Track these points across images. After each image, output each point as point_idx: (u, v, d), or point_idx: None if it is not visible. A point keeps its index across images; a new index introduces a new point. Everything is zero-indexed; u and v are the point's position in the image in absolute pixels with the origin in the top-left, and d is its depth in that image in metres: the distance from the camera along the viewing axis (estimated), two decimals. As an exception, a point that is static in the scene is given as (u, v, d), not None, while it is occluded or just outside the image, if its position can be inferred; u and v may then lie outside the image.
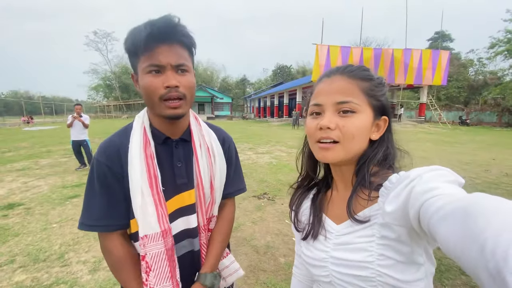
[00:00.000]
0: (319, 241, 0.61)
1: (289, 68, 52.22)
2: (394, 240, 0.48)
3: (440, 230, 0.33)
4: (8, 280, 2.14)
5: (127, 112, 41.42)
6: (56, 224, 3.20)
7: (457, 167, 6.01)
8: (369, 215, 0.53)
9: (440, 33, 31.21)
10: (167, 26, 0.67)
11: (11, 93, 76.79)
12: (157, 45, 0.68)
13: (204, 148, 0.83)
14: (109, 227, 0.74)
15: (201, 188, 0.81)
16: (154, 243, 0.72)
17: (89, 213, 0.74)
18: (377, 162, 0.56)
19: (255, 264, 2.37)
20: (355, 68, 0.58)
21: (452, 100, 29.47)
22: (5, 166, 6.35)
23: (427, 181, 0.40)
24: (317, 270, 0.60)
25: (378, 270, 0.49)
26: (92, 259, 2.45)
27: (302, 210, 0.70)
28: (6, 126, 21.68)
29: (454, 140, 11.60)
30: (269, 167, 6.07)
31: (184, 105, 0.73)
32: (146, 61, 0.68)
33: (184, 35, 0.71)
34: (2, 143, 10.44)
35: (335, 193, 0.65)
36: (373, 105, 0.57)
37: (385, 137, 0.59)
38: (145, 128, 0.77)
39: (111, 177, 0.74)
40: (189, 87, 0.73)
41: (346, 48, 17.74)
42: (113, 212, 0.74)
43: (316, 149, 0.58)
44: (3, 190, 4.49)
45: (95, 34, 44.71)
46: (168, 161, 0.79)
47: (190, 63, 0.75)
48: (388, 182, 0.49)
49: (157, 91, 0.69)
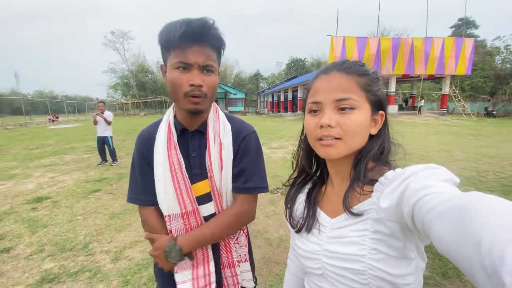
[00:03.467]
0: (312, 234, 0.62)
1: (303, 61, 51.26)
2: (387, 235, 0.49)
3: (435, 228, 0.33)
4: (38, 268, 2.31)
5: (144, 109, 42.56)
6: (80, 216, 3.39)
7: (481, 161, 5.73)
8: (363, 209, 0.53)
9: (463, 19, 29.38)
10: (201, 28, 0.72)
11: (37, 93, 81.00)
12: (189, 44, 0.73)
13: (217, 141, 0.86)
14: (144, 201, 0.86)
15: (213, 180, 0.84)
16: (175, 221, 0.83)
17: (131, 189, 0.89)
18: (373, 157, 0.57)
19: (268, 257, 2.41)
20: (352, 63, 0.58)
21: (477, 91, 27.86)
22: (33, 162, 6.75)
23: (422, 179, 0.40)
24: (310, 262, 0.61)
25: (370, 263, 0.50)
26: (114, 249, 2.59)
27: (296, 205, 0.70)
28: (33, 124, 22.95)
29: (478, 132, 11.01)
30: (282, 162, 6.07)
31: (204, 102, 0.78)
32: (176, 57, 0.73)
33: (216, 38, 0.75)
34: (31, 141, 11.09)
35: (330, 188, 0.66)
36: (370, 100, 0.57)
37: (382, 131, 0.60)
38: (170, 121, 0.86)
39: (143, 161, 0.86)
40: (212, 87, 0.78)
41: (363, 39, 17.14)
42: (147, 190, 0.85)
43: (318, 146, 0.58)
44: (32, 185, 4.79)
45: (112, 34, 45.95)
46: (185, 152, 0.85)
47: (217, 64, 0.80)
48: (384, 178, 0.49)
49: (182, 87, 0.75)
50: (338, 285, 0.56)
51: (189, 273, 0.83)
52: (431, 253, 2.37)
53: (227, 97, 38.01)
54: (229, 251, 0.89)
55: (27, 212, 3.55)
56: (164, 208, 0.82)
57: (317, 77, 0.60)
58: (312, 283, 0.64)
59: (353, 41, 16.89)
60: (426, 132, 10.95)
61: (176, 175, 0.81)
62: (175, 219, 0.83)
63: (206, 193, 0.85)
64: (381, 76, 0.61)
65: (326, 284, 0.59)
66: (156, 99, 40.65)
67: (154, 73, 47.76)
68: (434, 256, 2.33)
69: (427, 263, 2.23)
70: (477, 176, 4.65)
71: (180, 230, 0.84)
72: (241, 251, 0.93)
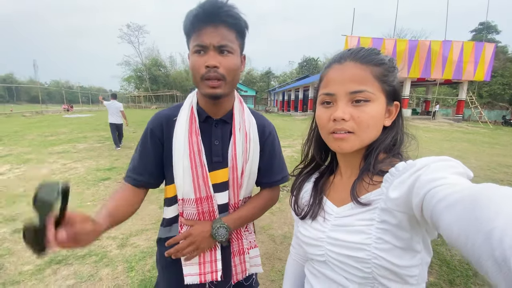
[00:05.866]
0: (317, 222, 0.61)
1: (316, 60, 50.68)
2: (394, 226, 0.47)
3: (444, 218, 0.32)
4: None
5: (155, 103, 43.15)
6: (90, 202, 3.48)
7: (496, 170, 5.54)
8: (371, 199, 0.52)
9: (485, 24, 28.47)
10: (212, 7, 0.70)
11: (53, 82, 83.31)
12: (203, 25, 0.71)
13: (243, 132, 0.85)
14: (135, 181, 0.84)
15: (235, 169, 0.84)
16: (188, 206, 0.83)
17: (130, 166, 0.86)
18: (386, 148, 0.55)
19: (271, 253, 2.41)
20: (367, 52, 0.55)
21: (495, 98, 26.90)
22: (47, 148, 6.96)
23: (434, 171, 0.39)
24: (312, 249, 0.60)
25: (375, 252, 0.49)
26: (120, 236, 2.64)
27: (302, 193, 0.69)
28: (49, 112, 23.67)
29: (495, 141, 10.65)
30: (290, 160, 6.04)
31: (223, 85, 0.75)
32: (194, 41, 0.73)
33: (230, 15, 0.72)
34: (46, 128, 11.43)
35: (339, 178, 0.65)
36: (386, 91, 0.55)
37: (395, 122, 0.58)
38: (193, 106, 0.84)
39: (150, 139, 0.84)
40: (230, 68, 0.75)
41: (378, 40, 16.82)
42: (143, 170, 0.84)
43: (331, 140, 0.56)
44: (45, 170, 4.95)
45: (128, 27, 46.64)
46: (207, 139, 0.84)
47: (236, 45, 0.76)
48: (395, 169, 0.47)
49: (199, 70, 0.73)
50: (341, 272, 0.55)
51: (196, 258, 0.84)
52: (438, 259, 2.32)
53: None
54: (240, 238, 0.90)
55: (39, 196, 3.66)
56: (180, 192, 0.82)
57: (330, 66, 0.57)
58: (313, 269, 0.63)
59: (368, 41, 16.58)
60: (440, 138, 10.67)
61: (195, 161, 0.80)
62: (189, 204, 0.82)
63: (223, 182, 0.85)
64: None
65: (328, 270, 0.58)
66: (168, 93, 41.05)
67: (166, 67, 48.28)
68: (441, 263, 2.28)
69: (434, 270, 2.18)
70: (491, 184, 4.49)
71: (192, 215, 0.83)
72: (250, 237, 0.95)
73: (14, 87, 47.68)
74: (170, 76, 45.79)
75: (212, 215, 0.84)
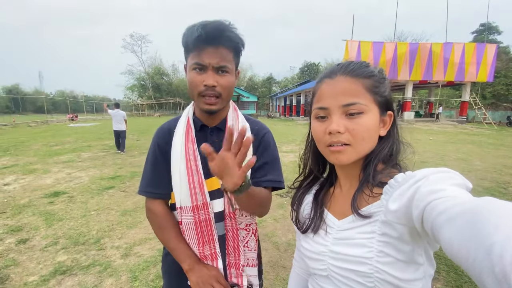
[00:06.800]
0: (319, 235, 0.61)
1: (317, 65, 50.83)
2: (395, 238, 0.47)
3: (445, 231, 0.32)
4: (52, 260, 2.39)
5: (159, 110, 43.50)
6: (94, 211, 3.49)
7: (502, 171, 5.47)
8: (372, 211, 0.52)
9: (486, 25, 28.45)
10: (215, 31, 0.74)
11: (59, 92, 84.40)
12: (204, 46, 0.75)
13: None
14: (152, 194, 0.89)
15: None
16: (186, 214, 0.85)
17: (142, 181, 0.91)
18: (383, 158, 0.56)
19: (275, 261, 2.39)
20: (357, 65, 0.57)
21: (499, 99, 26.71)
22: (53, 158, 7.03)
23: (433, 183, 0.39)
24: (315, 263, 0.60)
25: (377, 266, 0.49)
26: (124, 245, 2.64)
27: (303, 206, 0.70)
28: (54, 122, 23.97)
29: (499, 142, 10.52)
30: (293, 166, 6.02)
31: (219, 102, 0.80)
32: (193, 58, 0.77)
33: (230, 39, 0.77)
34: (51, 138, 11.56)
35: (338, 190, 0.65)
36: (378, 102, 0.56)
37: (391, 132, 0.59)
38: (189, 117, 0.89)
39: (158, 152, 0.89)
40: (226, 87, 0.80)
41: (379, 44, 16.89)
42: (158, 183, 0.88)
43: (328, 153, 0.57)
44: (50, 180, 4.99)
45: (131, 37, 47.47)
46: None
47: (233, 64, 0.81)
48: (394, 181, 0.48)
49: (197, 87, 0.78)
50: (343, 287, 0.55)
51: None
52: (445, 265, 2.28)
53: (240, 100, 38.27)
54: (237, 252, 0.88)
55: (44, 206, 3.69)
56: (178, 200, 0.85)
57: (322, 81, 0.59)
58: (316, 285, 0.63)
59: (368, 45, 16.67)
60: (444, 140, 10.58)
61: (191, 168, 0.83)
62: (186, 212, 0.85)
63: (219, 188, 0.86)
64: (398, 82, 0.59)
65: (330, 286, 0.58)
66: (171, 101, 41.42)
67: (169, 75, 48.75)
68: (449, 269, 2.24)
69: (442, 276, 2.15)
70: (497, 187, 4.44)
71: (189, 224, 0.85)
72: (250, 255, 0.91)
73: (20, 98, 48.46)
74: (172, 84, 46.21)
75: (208, 224, 0.84)
